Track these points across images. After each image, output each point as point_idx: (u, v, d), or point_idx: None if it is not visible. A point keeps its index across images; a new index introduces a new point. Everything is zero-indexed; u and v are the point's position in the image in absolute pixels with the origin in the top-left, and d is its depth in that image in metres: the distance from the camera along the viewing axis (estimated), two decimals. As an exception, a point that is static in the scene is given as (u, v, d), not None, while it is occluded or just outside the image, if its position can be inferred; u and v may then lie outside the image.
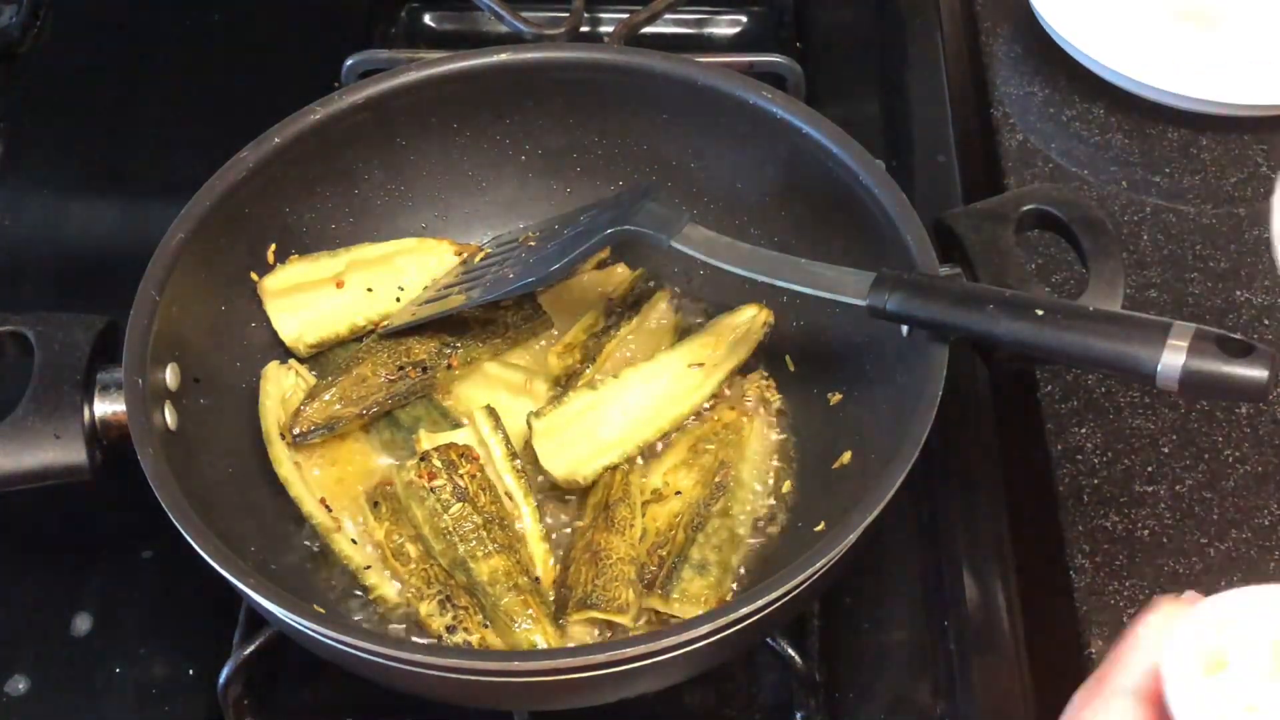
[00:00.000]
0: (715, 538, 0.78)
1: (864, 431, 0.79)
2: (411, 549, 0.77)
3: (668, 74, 0.85)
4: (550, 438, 0.81)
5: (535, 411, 0.82)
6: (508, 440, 0.80)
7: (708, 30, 1.13)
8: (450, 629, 0.74)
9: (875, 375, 0.79)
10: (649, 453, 0.83)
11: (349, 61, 1.02)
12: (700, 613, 0.69)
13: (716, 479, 0.81)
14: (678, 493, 0.81)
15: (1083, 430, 0.83)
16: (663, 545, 0.78)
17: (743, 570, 0.78)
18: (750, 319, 0.86)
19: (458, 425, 0.83)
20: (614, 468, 0.81)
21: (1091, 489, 0.81)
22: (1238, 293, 0.89)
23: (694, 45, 1.12)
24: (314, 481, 0.81)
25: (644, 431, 0.82)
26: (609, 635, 0.75)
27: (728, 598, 0.76)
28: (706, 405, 0.84)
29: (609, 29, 1.09)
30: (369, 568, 0.78)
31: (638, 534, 0.78)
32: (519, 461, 0.80)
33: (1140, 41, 1.00)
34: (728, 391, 0.85)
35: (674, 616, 0.75)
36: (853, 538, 0.66)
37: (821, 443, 0.82)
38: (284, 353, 0.85)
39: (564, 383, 0.85)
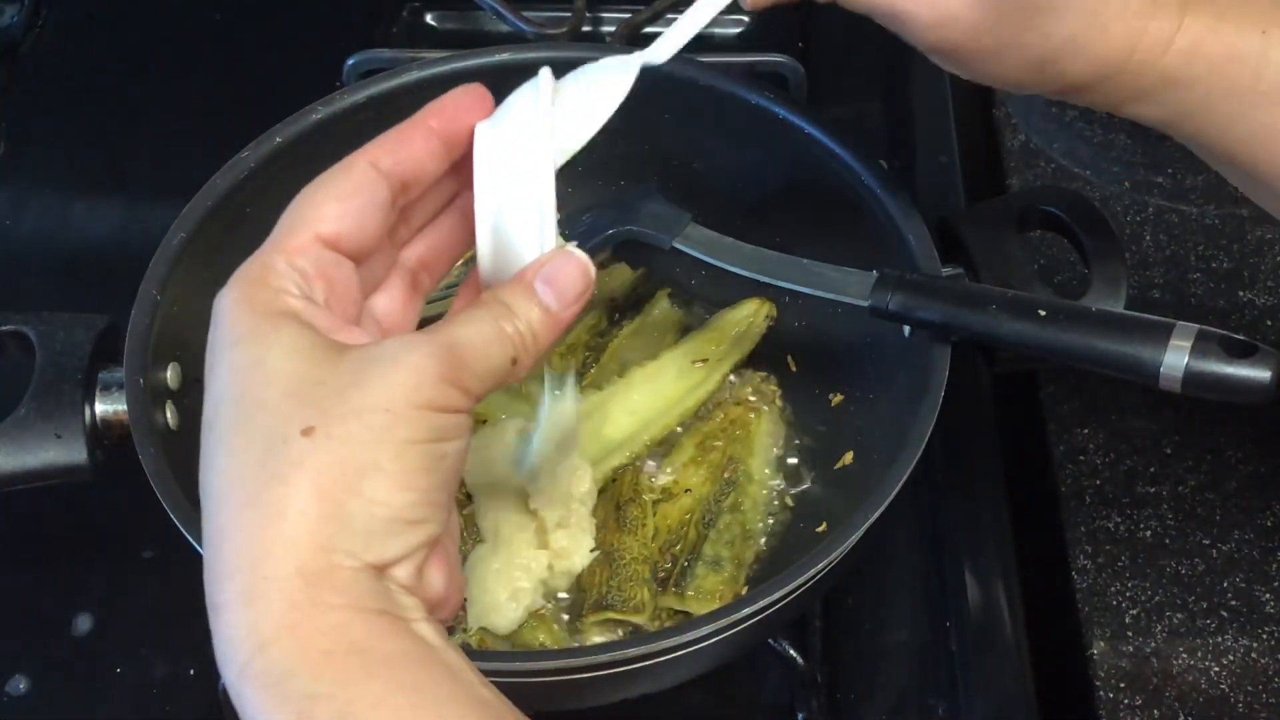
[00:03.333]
0: (727, 533, 0.78)
1: (865, 432, 0.79)
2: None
3: (670, 74, 0.84)
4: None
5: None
6: None
7: (710, 30, 1.12)
8: (450, 629, 0.74)
9: (877, 376, 0.79)
10: (657, 451, 0.83)
11: (350, 61, 1.02)
12: (716, 608, 0.69)
13: (725, 475, 0.81)
14: (687, 490, 0.81)
15: (1085, 431, 0.83)
16: (675, 543, 0.78)
17: (758, 565, 0.78)
18: (752, 312, 0.86)
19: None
20: (624, 468, 0.81)
21: (1093, 489, 0.81)
22: (1241, 293, 0.89)
23: (696, 45, 1.11)
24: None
25: (651, 430, 0.82)
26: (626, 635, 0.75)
27: (742, 593, 0.76)
28: (712, 401, 0.84)
29: (611, 29, 1.09)
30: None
31: (650, 533, 0.78)
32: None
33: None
34: (734, 384, 0.85)
35: (689, 613, 0.75)
36: (855, 538, 0.66)
37: (823, 443, 0.82)
38: (285, 353, 0.85)
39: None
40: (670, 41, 0.65)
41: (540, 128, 0.55)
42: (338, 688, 0.44)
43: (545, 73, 0.57)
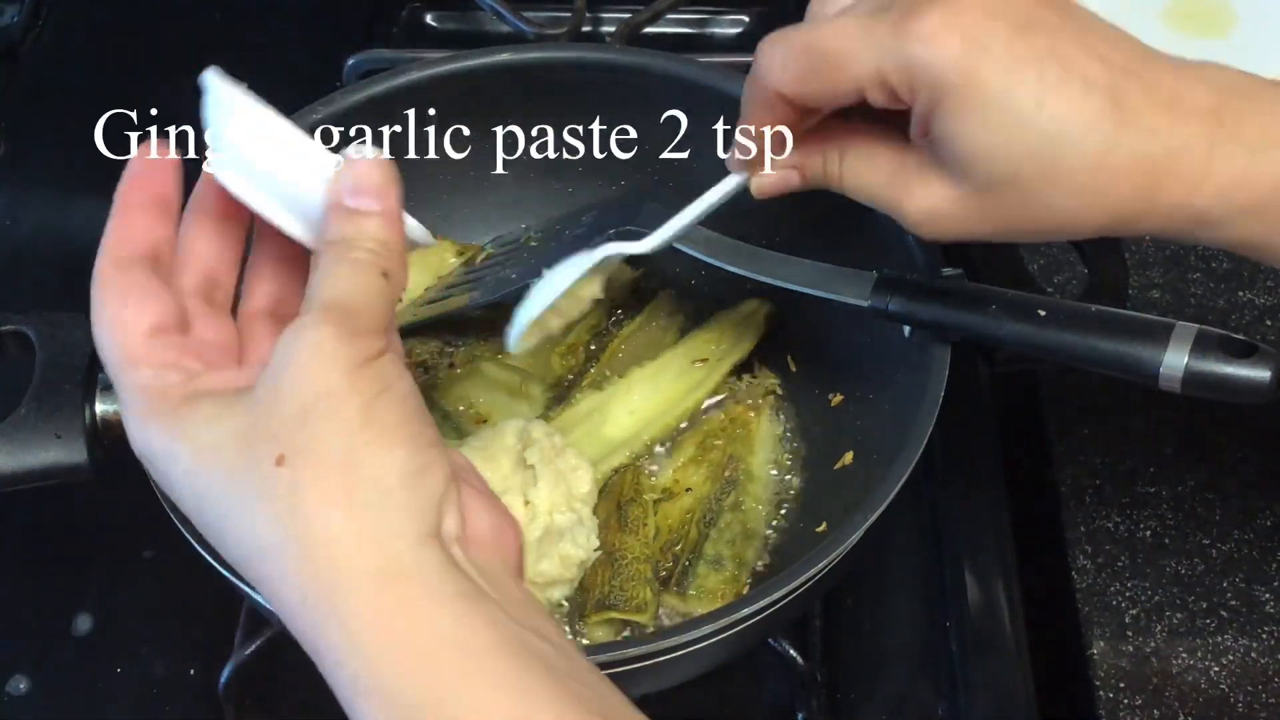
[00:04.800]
0: (728, 532, 0.78)
1: (866, 432, 0.79)
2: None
3: (669, 74, 0.85)
4: (560, 441, 0.81)
5: (543, 415, 0.82)
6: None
7: (710, 30, 1.13)
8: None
9: (877, 376, 0.79)
10: (658, 451, 0.83)
11: (350, 61, 1.02)
12: (717, 607, 0.69)
13: (726, 474, 0.81)
14: (688, 490, 0.81)
15: (1084, 431, 0.83)
16: (677, 543, 0.79)
17: (759, 564, 0.78)
18: (752, 312, 0.86)
19: (458, 427, 0.83)
20: (624, 468, 0.81)
21: (1093, 489, 0.81)
22: (1240, 293, 0.89)
23: (696, 45, 1.12)
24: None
25: (651, 430, 0.82)
26: (628, 634, 0.75)
27: (744, 592, 0.76)
28: (712, 401, 0.84)
29: (611, 29, 1.09)
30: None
31: (651, 533, 0.78)
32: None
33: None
34: (734, 384, 0.85)
35: (691, 613, 0.75)
36: (855, 538, 0.66)
37: (823, 443, 0.82)
38: (285, 352, 0.85)
39: (564, 384, 0.85)
40: (661, 234, 0.69)
41: (242, 104, 0.57)
42: (442, 694, 0.45)
43: (210, 72, 0.58)
